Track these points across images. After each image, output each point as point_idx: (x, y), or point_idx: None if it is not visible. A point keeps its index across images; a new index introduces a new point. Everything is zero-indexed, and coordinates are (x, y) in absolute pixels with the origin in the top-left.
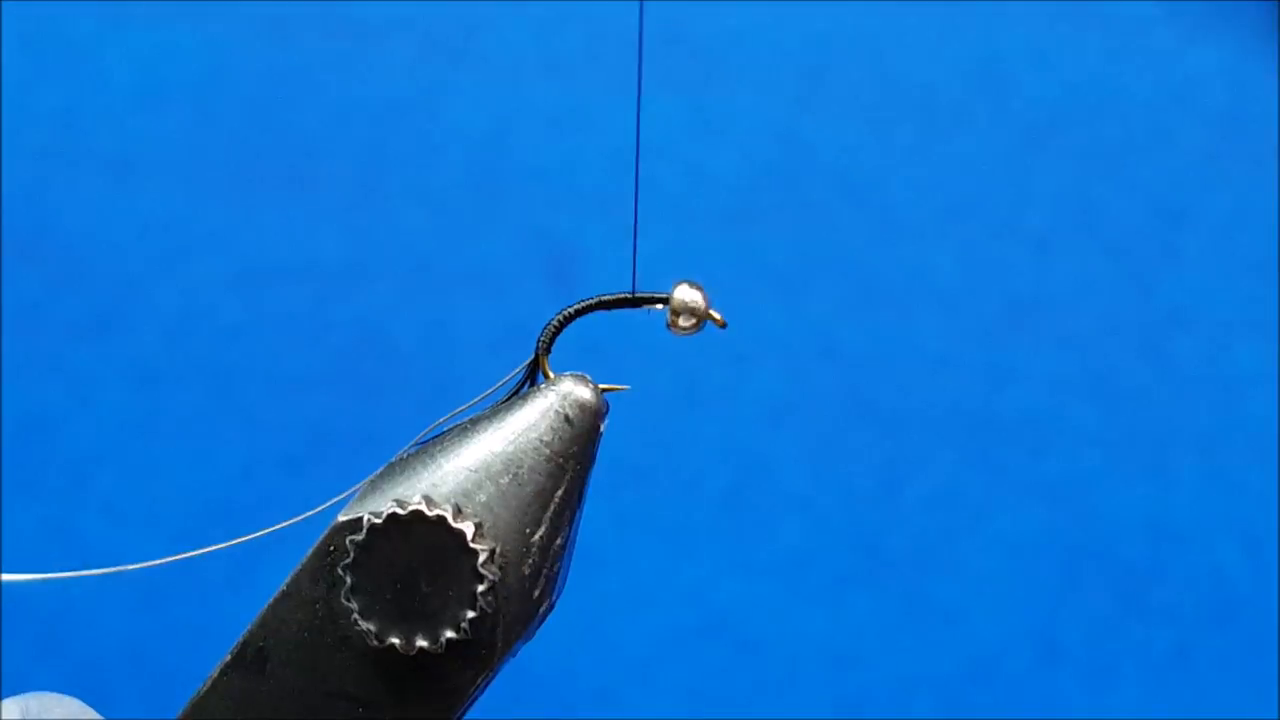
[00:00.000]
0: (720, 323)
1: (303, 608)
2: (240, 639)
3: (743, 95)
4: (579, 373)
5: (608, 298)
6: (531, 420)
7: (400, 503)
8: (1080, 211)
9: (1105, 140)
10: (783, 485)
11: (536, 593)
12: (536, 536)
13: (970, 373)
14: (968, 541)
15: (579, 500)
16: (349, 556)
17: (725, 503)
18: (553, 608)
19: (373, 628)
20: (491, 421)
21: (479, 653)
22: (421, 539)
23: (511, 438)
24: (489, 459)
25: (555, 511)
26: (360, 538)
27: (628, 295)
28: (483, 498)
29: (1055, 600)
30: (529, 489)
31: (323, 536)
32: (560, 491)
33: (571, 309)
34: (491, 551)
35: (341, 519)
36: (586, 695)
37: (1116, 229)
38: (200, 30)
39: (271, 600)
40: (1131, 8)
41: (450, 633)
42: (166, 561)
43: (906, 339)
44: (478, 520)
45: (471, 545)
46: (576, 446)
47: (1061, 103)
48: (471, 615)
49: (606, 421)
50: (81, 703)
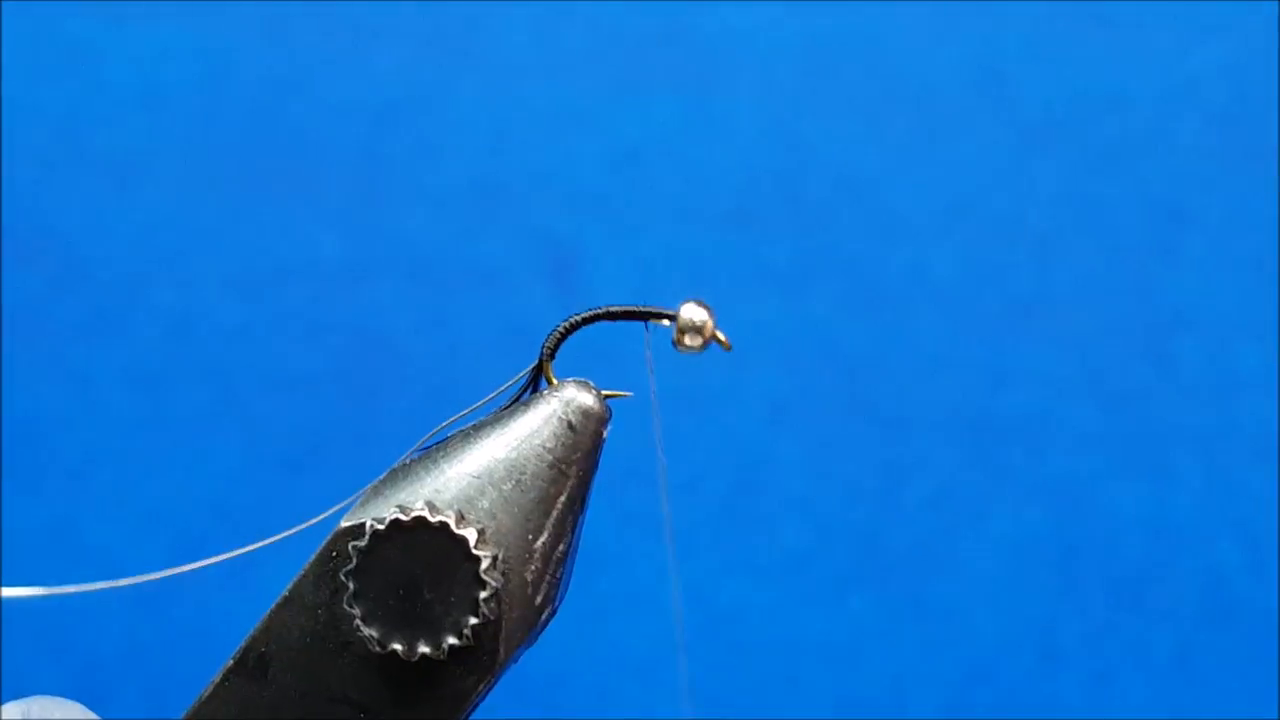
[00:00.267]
0: (726, 345)
1: (305, 613)
2: (242, 644)
3: (743, 95)
4: (582, 379)
5: (615, 309)
6: (534, 426)
7: (403, 509)
8: (1080, 211)
9: (1105, 140)
10: (783, 485)
11: (539, 599)
12: (539, 543)
13: (970, 373)
14: (968, 541)
15: (581, 506)
16: (351, 562)
17: (725, 503)
18: (555, 613)
19: (375, 634)
20: (494, 427)
21: (481, 659)
22: (424, 545)
23: (514, 444)
24: (492, 465)
25: (558, 518)
26: (363, 543)
27: (635, 309)
28: (485, 504)
29: (1055, 600)
30: (532, 495)
31: (325, 542)
32: (563, 498)
33: (577, 317)
34: (494, 558)
35: (344, 524)
36: (586, 695)
37: (1116, 229)
38: (200, 30)
39: (273, 606)
40: (1131, 8)
41: (453, 639)
42: (167, 575)
43: (906, 339)
44: (480, 526)
45: (474, 551)
46: (579, 453)
47: (1061, 103)
48: (474, 621)
49: (609, 428)
50: (82, 706)
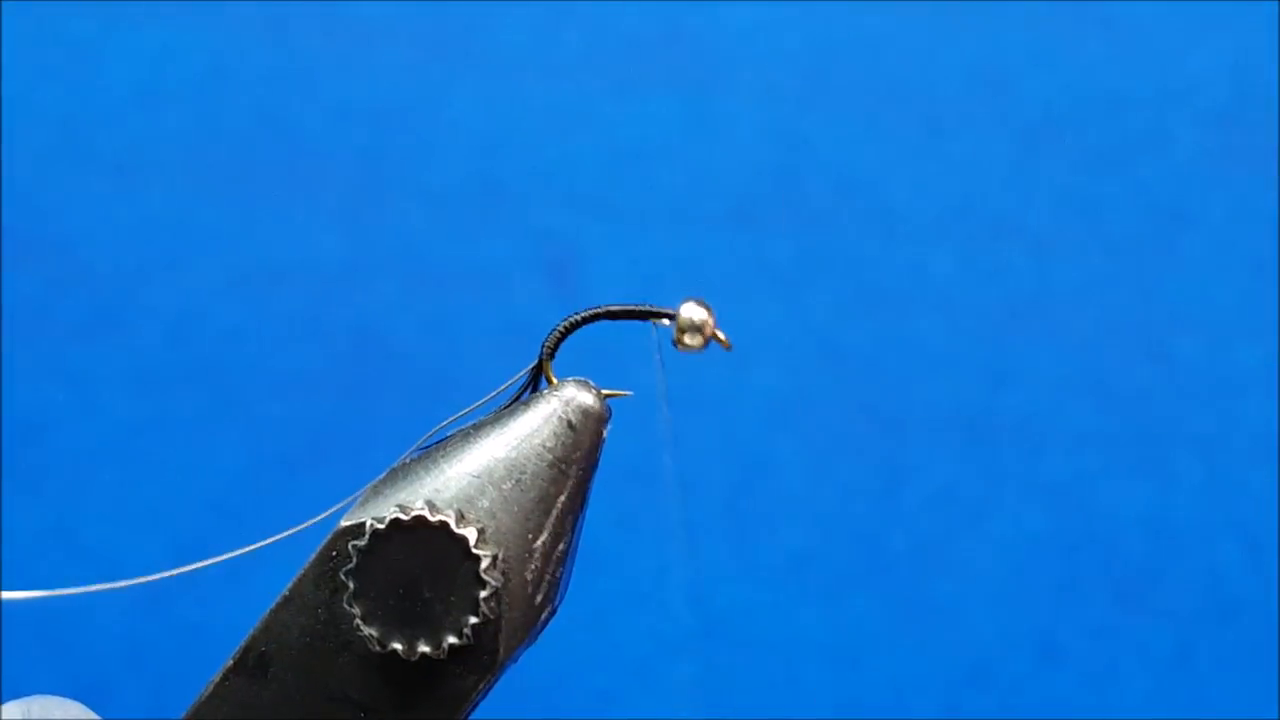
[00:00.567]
0: (726, 344)
1: (305, 613)
2: (242, 644)
3: (743, 95)
4: (582, 378)
5: (615, 308)
6: (534, 426)
7: (403, 508)
8: (1080, 211)
9: (1105, 140)
10: (783, 485)
11: (539, 598)
12: (539, 542)
13: (970, 373)
14: (968, 541)
15: (582, 505)
16: (351, 562)
17: (725, 503)
18: (555, 613)
19: (375, 633)
20: (494, 427)
21: (481, 658)
22: (424, 545)
23: (514, 443)
24: (492, 464)
25: (558, 517)
26: (363, 543)
27: (634, 307)
28: (485, 503)
29: (1055, 600)
30: (532, 494)
31: (325, 541)
32: (563, 497)
33: (577, 316)
34: (494, 557)
35: (344, 524)
36: (586, 696)
37: (1116, 229)
38: (200, 30)
39: (273, 605)
40: (1131, 8)
41: (453, 638)
42: (167, 576)
43: (906, 339)
44: (480, 526)
45: (474, 551)
46: (579, 452)
47: (1061, 103)
48: (474, 621)
49: (609, 427)
50: (82, 706)
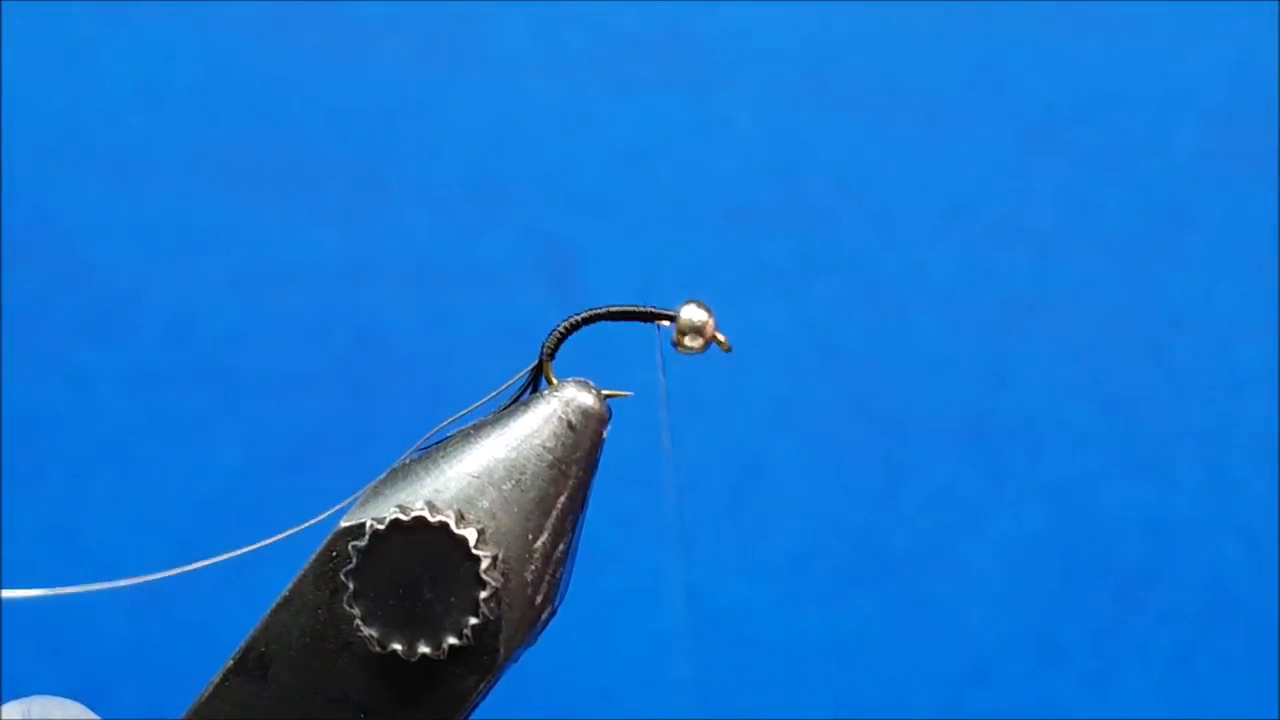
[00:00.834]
0: (726, 346)
1: (305, 613)
2: (242, 644)
3: (743, 95)
4: (582, 379)
5: (615, 309)
6: (534, 426)
7: (403, 508)
8: (1080, 211)
9: (1105, 140)
10: (783, 485)
11: (539, 599)
12: (539, 543)
13: (970, 373)
14: (968, 541)
15: (581, 506)
16: (351, 562)
17: (725, 503)
18: (555, 613)
19: (375, 634)
20: (494, 427)
21: (481, 659)
22: (424, 545)
23: (514, 444)
24: (492, 465)
25: (558, 518)
26: (363, 543)
27: (635, 309)
28: (485, 504)
29: (1055, 600)
30: (532, 495)
31: (325, 542)
32: (563, 497)
33: (578, 317)
34: (494, 558)
35: (344, 524)
36: (586, 695)
37: (1116, 229)
38: (200, 30)
39: (273, 606)
40: (1131, 8)
41: (453, 639)
42: (167, 575)
43: (906, 339)
44: (480, 526)
45: (474, 551)
46: (579, 452)
47: (1061, 103)
48: (474, 622)
49: (609, 428)
50: (82, 706)
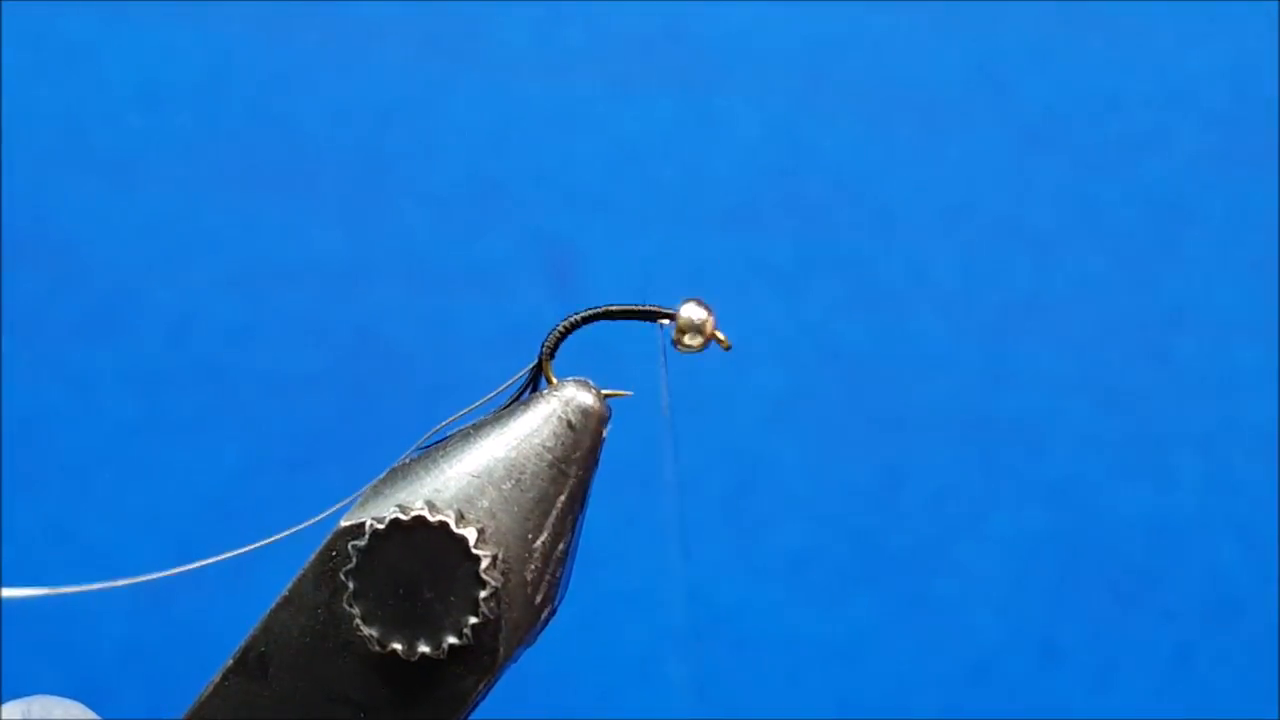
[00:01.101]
0: (725, 345)
1: (305, 613)
2: (242, 644)
3: (743, 95)
4: (582, 378)
5: (614, 308)
6: (534, 426)
7: (403, 508)
8: (1080, 211)
9: (1105, 140)
10: (783, 485)
11: (539, 598)
12: (539, 542)
13: (970, 373)
14: (968, 541)
15: (581, 506)
16: (351, 562)
17: (725, 503)
18: (555, 613)
19: (375, 633)
20: (494, 427)
21: (481, 659)
22: (424, 545)
23: (514, 443)
24: (491, 464)
25: (558, 517)
26: (362, 543)
27: (634, 308)
28: (485, 503)
29: (1055, 600)
30: (531, 494)
31: (325, 541)
32: (563, 497)
33: (577, 316)
34: (494, 557)
35: (344, 524)
36: (586, 695)
37: (1116, 229)
38: (200, 30)
39: (273, 605)
40: (1131, 8)
41: (452, 639)
42: (167, 575)
43: (906, 339)
44: (480, 526)
45: (474, 551)
46: (579, 452)
47: (1061, 103)
48: (474, 621)
49: (609, 427)
50: (82, 705)
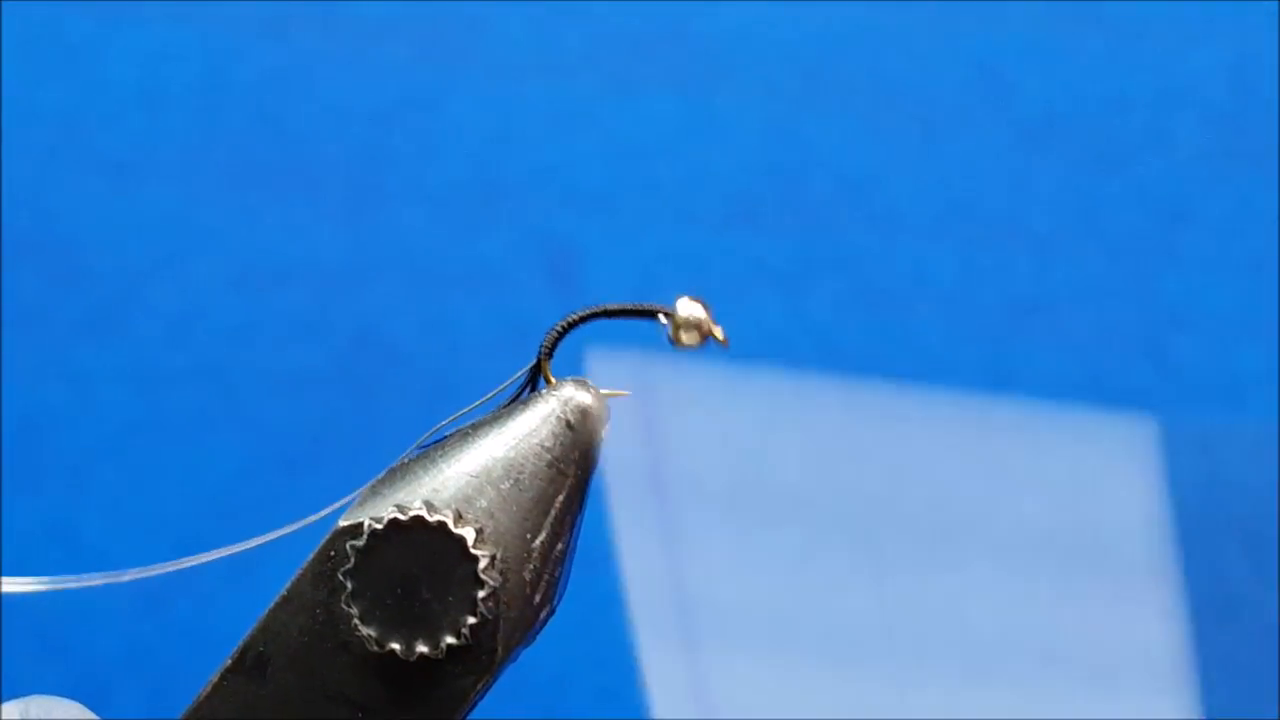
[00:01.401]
0: (723, 341)
1: (303, 613)
2: (240, 643)
3: (743, 95)
4: (580, 378)
5: (611, 307)
6: (533, 425)
7: (401, 508)
8: (1080, 211)
9: (1105, 140)
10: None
11: (537, 598)
12: (537, 542)
13: (970, 373)
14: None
15: (580, 505)
16: (350, 562)
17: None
18: (554, 613)
19: (373, 633)
20: (493, 427)
21: (480, 658)
22: (422, 544)
23: (513, 443)
24: (490, 464)
25: (556, 517)
26: (361, 543)
27: (632, 306)
28: (484, 503)
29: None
30: (530, 494)
31: (323, 541)
32: (561, 497)
33: (575, 316)
34: (492, 557)
35: (342, 524)
36: (587, 695)
37: (1116, 229)
38: (200, 30)
39: (272, 605)
40: (1131, 8)
41: (451, 638)
42: (167, 569)
43: (906, 339)
44: (479, 526)
45: (472, 551)
46: (577, 452)
47: (1061, 103)
48: (472, 621)
49: (608, 427)
50: (82, 705)
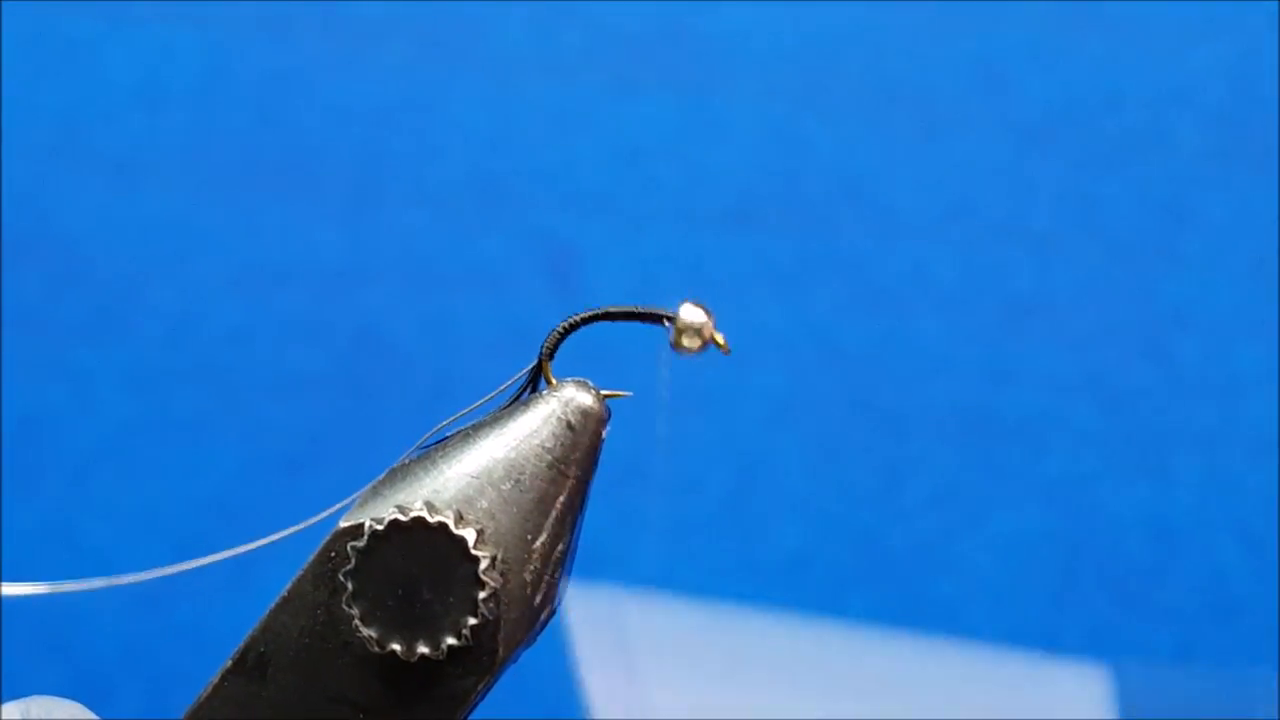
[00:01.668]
0: (724, 348)
1: (304, 614)
2: (241, 644)
3: (743, 95)
4: (581, 379)
5: (613, 310)
6: (534, 426)
7: (402, 509)
8: (1080, 211)
9: (1105, 140)
10: (783, 485)
11: (538, 599)
12: (538, 543)
13: (970, 373)
14: (968, 541)
15: (581, 506)
16: (350, 563)
17: (725, 503)
18: (554, 613)
19: (374, 634)
20: (493, 427)
21: (480, 659)
22: (423, 545)
23: (513, 444)
24: (491, 465)
25: (557, 518)
26: (362, 544)
27: (634, 309)
28: (484, 504)
29: (1055, 600)
30: (531, 495)
31: (324, 542)
32: (562, 498)
33: (576, 317)
34: (493, 558)
35: (343, 525)
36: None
37: (1116, 229)
38: (200, 30)
39: (272, 606)
40: (1131, 8)
41: (452, 639)
42: (167, 572)
43: (906, 339)
44: (479, 527)
45: (473, 552)
46: (578, 453)
47: (1061, 103)
48: (473, 622)
49: (609, 428)
50: (82, 706)
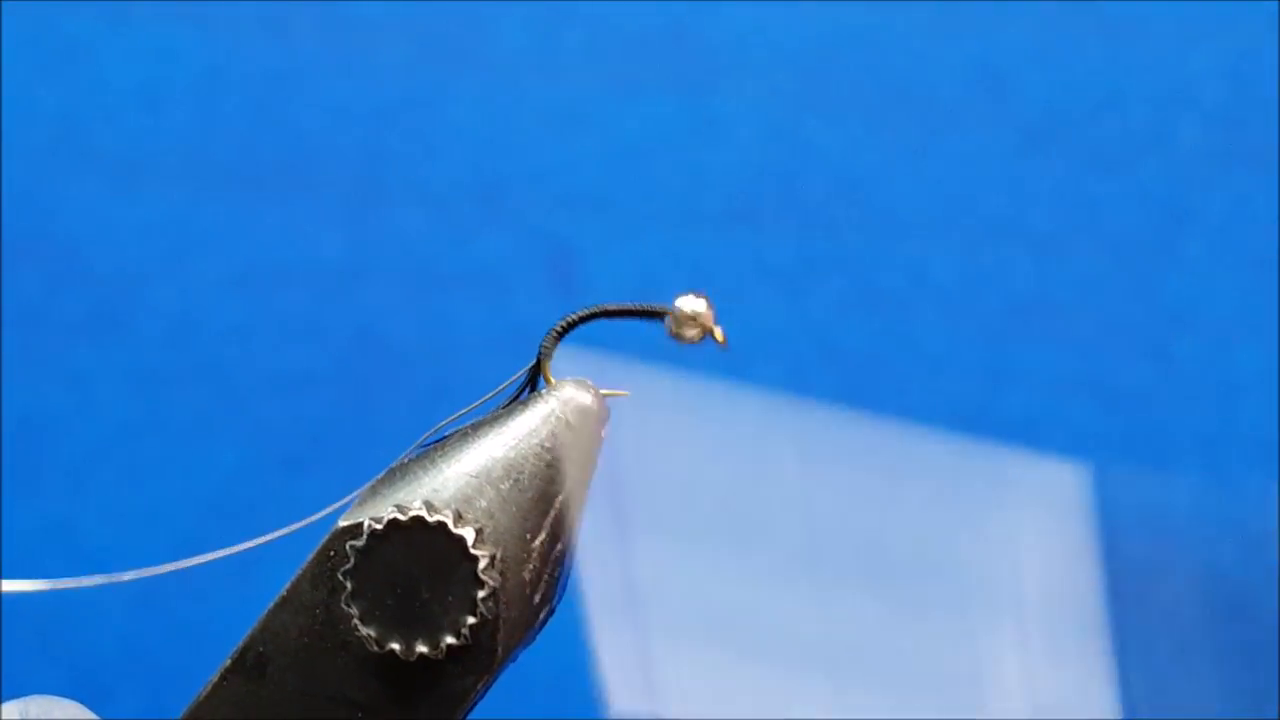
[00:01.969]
0: (722, 341)
1: (303, 613)
2: (240, 644)
3: (743, 95)
4: (580, 378)
5: (611, 307)
6: (533, 425)
7: (401, 508)
8: (1080, 212)
9: (1105, 140)
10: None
11: (537, 598)
12: (537, 542)
13: (970, 373)
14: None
15: (580, 506)
16: (349, 562)
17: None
18: (554, 612)
19: (373, 633)
20: (492, 427)
21: (479, 658)
22: (422, 544)
23: (512, 443)
24: (490, 464)
25: (556, 517)
26: (360, 543)
27: (632, 306)
28: (483, 503)
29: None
30: (530, 494)
31: (323, 542)
32: (561, 497)
33: (575, 316)
34: (492, 557)
35: (342, 524)
36: (586, 695)
37: (1117, 229)
38: (200, 30)
39: (271, 605)
40: (1131, 8)
41: (451, 638)
42: (167, 570)
43: (906, 339)
44: (478, 526)
45: (472, 551)
46: (577, 452)
47: (1061, 103)
48: (472, 621)
49: (608, 427)
50: (81, 705)
